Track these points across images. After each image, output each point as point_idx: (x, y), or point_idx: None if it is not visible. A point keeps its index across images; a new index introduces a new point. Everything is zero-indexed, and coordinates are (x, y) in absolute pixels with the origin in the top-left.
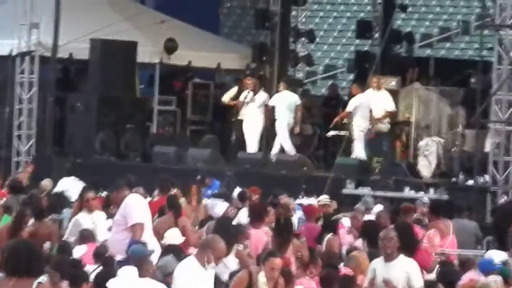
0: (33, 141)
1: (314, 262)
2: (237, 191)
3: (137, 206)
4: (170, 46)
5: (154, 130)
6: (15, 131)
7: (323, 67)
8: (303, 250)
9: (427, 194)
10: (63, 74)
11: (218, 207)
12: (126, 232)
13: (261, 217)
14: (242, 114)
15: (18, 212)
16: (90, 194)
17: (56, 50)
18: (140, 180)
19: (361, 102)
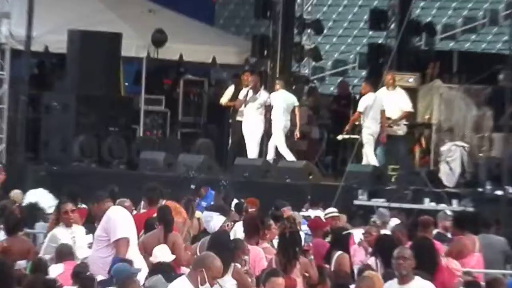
0: (3, 146)
1: (323, 283)
2: (234, 203)
3: (121, 219)
4: (158, 39)
5: (141, 134)
6: None
7: (332, 62)
8: (311, 269)
9: (450, 206)
10: (38, 70)
11: (214, 221)
12: (109, 248)
13: (256, 231)
14: (241, 115)
15: None
16: (68, 206)
17: (29, 43)
18: (124, 190)
19: (372, 102)
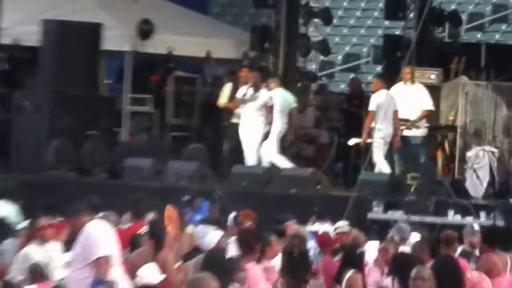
0: None
1: None
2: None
3: (101, 235)
4: (144, 30)
5: (125, 138)
6: None
7: (343, 57)
8: None
9: (478, 220)
10: (7, 65)
11: (210, 236)
12: (88, 268)
13: (251, 248)
14: (237, 116)
15: None
16: (43, 221)
17: None
18: (106, 202)
19: (384, 100)
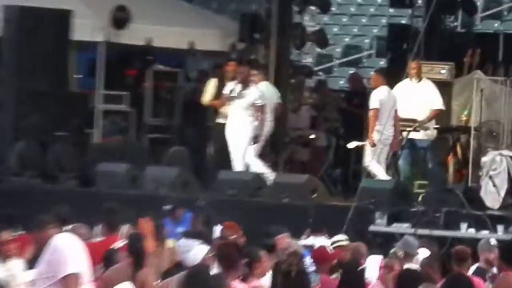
0: None
1: None
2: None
3: (70, 250)
4: (120, 18)
5: (97, 140)
6: None
7: (342, 49)
8: None
9: (494, 234)
10: None
11: (194, 252)
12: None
13: (232, 264)
14: (223, 116)
15: None
16: (4, 235)
17: None
18: (76, 212)
19: (386, 98)
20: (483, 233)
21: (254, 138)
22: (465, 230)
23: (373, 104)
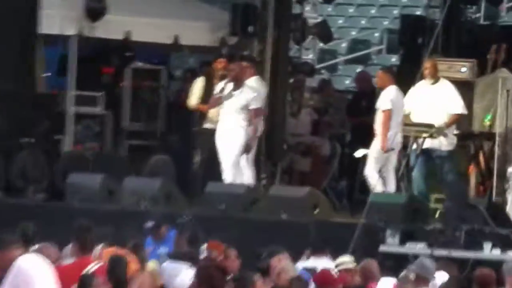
0: None
1: None
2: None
3: (36, 272)
4: (94, 8)
5: (69, 147)
6: None
7: (348, 44)
8: None
9: None
10: None
11: (182, 277)
12: None
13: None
14: (210, 121)
15: None
16: None
17: None
18: (44, 230)
19: (396, 98)
20: (510, 254)
21: (246, 147)
22: (488, 251)
23: (385, 104)
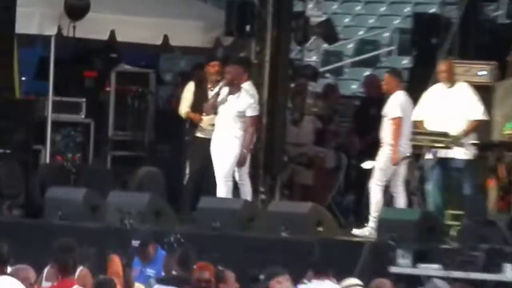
0: None
1: None
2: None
3: None
4: (76, 6)
5: (47, 159)
6: None
7: (355, 44)
8: None
9: None
10: None
11: None
12: None
13: None
14: (201, 129)
15: None
16: None
17: None
18: (20, 250)
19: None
20: None
21: (241, 159)
22: (509, 273)
23: (395, 111)
